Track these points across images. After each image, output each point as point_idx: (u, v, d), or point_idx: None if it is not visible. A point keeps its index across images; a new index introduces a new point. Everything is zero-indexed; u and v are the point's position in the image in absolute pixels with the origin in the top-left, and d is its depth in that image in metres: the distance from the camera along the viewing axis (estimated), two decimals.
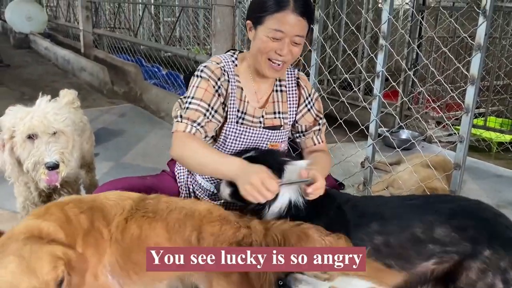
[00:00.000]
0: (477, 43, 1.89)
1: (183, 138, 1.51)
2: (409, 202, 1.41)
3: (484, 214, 1.29)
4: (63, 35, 10.25)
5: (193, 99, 1.55)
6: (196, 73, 1.59)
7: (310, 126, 1.75)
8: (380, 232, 1.31)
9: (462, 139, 2.01)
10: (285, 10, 1.45)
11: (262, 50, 1.51)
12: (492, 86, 4.52)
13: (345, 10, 5.28)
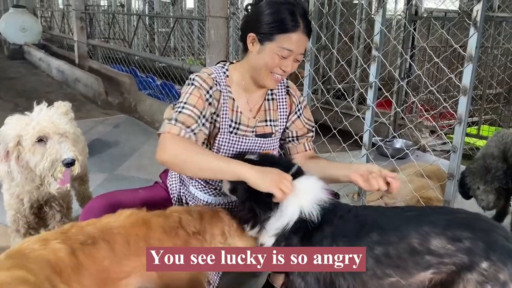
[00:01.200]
0: (468, 54, 1.91)
1: (177, 140, 1.46)
2: (406, 213, 1.40)
3: (481, 225, 1.28)
4: (57, 45, 10.26)
5: (186, 105, 1.53)
6: (188, 82, 1.60)
7: (303, 133, 1.76)
8: (379, 243, 1.30)
9: (456, 149, 2.01)
10: (297, 31, 1.49)
11: (269, 66, 1.53)
12: (485, 95, 4.56)
13: (338, 20, 5.33)
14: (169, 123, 1.49)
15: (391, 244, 1.29)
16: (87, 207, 1.62)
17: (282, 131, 1.75)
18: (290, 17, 1.48)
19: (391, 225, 1.33)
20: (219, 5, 3.39)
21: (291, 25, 1.48)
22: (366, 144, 2.45)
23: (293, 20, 1.48)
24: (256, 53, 1.55)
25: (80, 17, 7.29)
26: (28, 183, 1.74)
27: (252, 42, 1.55)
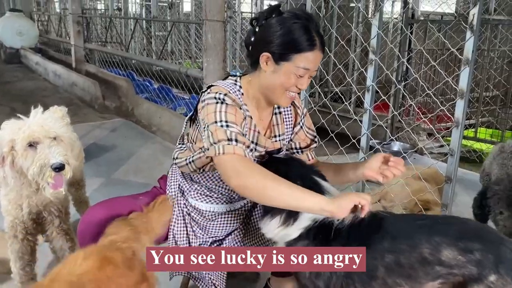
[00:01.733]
0: (465, 57, 1.91)
1: (248, 163, 1.35)
2: (418, 222, 1.41)
3: (491, 237, 1.28)
4: (54, 49, 10.24)
5: (229, 123, 1.39)
6: (215, 101, 1.44)
7: (306, 144, 1.73)
8: (391, 251, 1.30)
9: (453, 152, 2.02)
10: (314, 49, 1.45)
11: (285, 86, 1.48)
12: (482, 97, 4.57)
13: (335, 23, 5.34)
14: (229, 144, 1.35)
15: (403, 252, 1.29)
16: (87, 217, 1.57)
17: (287, 143, 1.72)
18: (306, 36, 1.43)
19: (402, 234, 1.33)
20: (216, 9, 3.39)
21: (307, 44, 1.43)
22: (364, 147, 2.45)
23: (309, 39, 1.44)
24: (271, 72, 1.49)
25: (77, 21, 7.28)
26: (26, 188, 1.73)
27: (266, 61, 1.48)
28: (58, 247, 1.91)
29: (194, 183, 1.66)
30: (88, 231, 1.52)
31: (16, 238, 1.83)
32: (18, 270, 1.85)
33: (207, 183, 1.63)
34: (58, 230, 1.87)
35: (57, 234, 1.88)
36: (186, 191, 1.69)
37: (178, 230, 1.69)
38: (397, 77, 4.43)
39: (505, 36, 4.96)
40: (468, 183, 3.65)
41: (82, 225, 1.54)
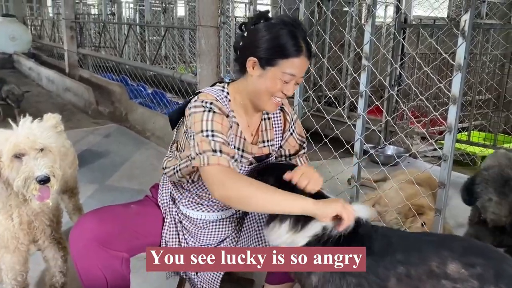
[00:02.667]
0: (457, 63, 1.92)
1: (231, 173, 1.37)
2: (427, 238, 1.44)
3: (494, 255, 1.33)
4: (47, 54, 10.21)
5: (214, 132, 1.41)
6: (202, 109, 1.45)
7: (296, 151, 1.74)
8: (403, 262, 1.32)
9: (446, 157, 2.02)
10: (300, 56, 1.46)
11: (271, 90, 1.49)
12: (474, 101, 4.60)
13: (328, 28, 5.36)
14: (214, 154, 1.36)
15: (413, 265, 1.31)
16: (79, 227, 1.55)
17: (277, 149, 1.72)
18: (292, 42, 1.44)
19: (414, 247, 1.36)
20: (210, 15, 3.40)
21: (293, 50, 1.44)
22: (358, 153, 2.45)
23: (295, 44, 1.44)
24: (257, 77, 1.50)
25: (70, 26, 7.26)
26: (13, 198, 1.71)
27: (253, 66, 1.49)
28: (50, 256, 1.89)
29: (185, 191, 1.66)
30: (80, 241, 1.50)
31: (7, 249, 1.80)
32: (10, 280, 1.83)
33: (198, 191, 1.63)
34: (50, 239, 1.85)
35: (49, 244, 1.86)
36: (177, 199, 1.68)
37: (170, 238, 1.69)
38: (391, 82, 4.45)
39: (497, 40, 5.00)
40: None
41: (74, 234, 1.52)
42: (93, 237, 1.49)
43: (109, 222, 1.55)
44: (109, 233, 1.52)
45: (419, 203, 2.68)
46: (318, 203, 1.32)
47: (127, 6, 11.25)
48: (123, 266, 1.57)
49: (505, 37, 4.91)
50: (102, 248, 1.50)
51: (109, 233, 1.52)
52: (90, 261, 1.50)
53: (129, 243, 1.58)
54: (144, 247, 1.66)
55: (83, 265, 1.51)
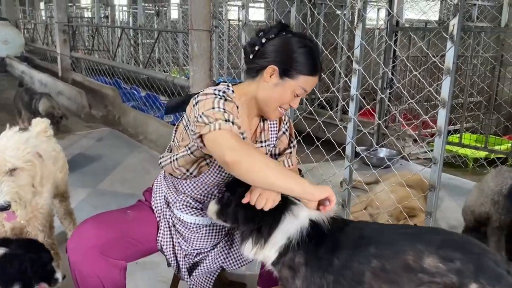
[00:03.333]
0: (446, 67, 1.93)
1: (245, 142, 1.36)
2: (402, 230, 1.44)
3: (473, 249, 1.29)
4: (40, 58, 10.17)
5: (226, 111, 1.38)
6: (213, 96, 1.43)
7: (283, 150, 1.76)
8: (376, 256, 1.31)
9: (436, 160, 2.03)
10: (316, 75, 1.56)
11: (282, 100, 1.56)
12: (466, 103, 4.63)
13: (321, 31, 5.38)
14: (227, 122, 1.33)
15: (387, 258, 1.30)
16: (77, 234, 1.54)
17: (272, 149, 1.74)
18: (313, 61, 1.53)
19: (387, 240, 1.35)
20: (202, 19, 3.40)
21: (313, 69, 1.53)
22: (349, 155, 2.46)
23: (315, 64, 1.54)
24: (273, 85, 1.54)
25: (63, 30, 7.24)
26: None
27: (271, 74, 1.53)
28: None
29: (180, 193, 1.65)
30: (80, 249, 1.49)
31: None
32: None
33: (192, 193, 1.62)
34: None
35: None
36: (172, 202, 1.68)
37: (165, 242, 1.68)
38: (383, 84, 4.47)
39: (488, 43, 5.05)
40: (454, 189, 3.70)
41: (73, 242, 1.51)
42: (93, 245, 1.48)
43: (108, 230, 1.54)
44: (108, 241, 1.52)
45: (411, 205, 2.70)
46: (315, 186, 1.38)
47: (120, 9, 11.24)
48: (121, 275, 1.57)
49: (496, 40, 4.95)
50: (102, 257, 1.49)
51: (108, 241, 1.52)
52: (89, 270, 1.49)
53: (127, 250, 1.58)
54: (140, 253, 1.66)
55: (81, 274, 1.50)
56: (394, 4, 4.33)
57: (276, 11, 3.58)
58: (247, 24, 3.12)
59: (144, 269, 2.31)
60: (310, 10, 5.11)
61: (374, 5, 6.50)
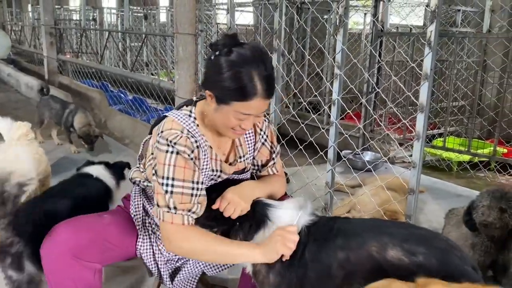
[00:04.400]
0: (424, 73, 1.97)
1: (185, 232, 1.42)
2: (369, 223, 1.48)
3: (438, 244, 1.30)
4: (27, 60, 10.09)
5: (174, 181, 1.40)
6: (165, 149, 1.42)
7: (267, 161, 1.73)
8: (343, 248, 1.34)
9: (415, 164, 2.06)
10: (254, 98, 1.39)
11: (227, 125, 1.46)
12: (450, 107, 4.69)
13: (308, 35, 5.42)
14: (169, 211, 1.40)
15: (352, 250, 1.32)
16: (51, 237, 1.52)
17: (252, 161, 1.71)
18: (249, 84, 1.37)
19: (355, 232, 1.37)
20: (187, 22, 3.40)
21: (247, 93, 1.38)
22: (331, 159, 2.49)
23: (250, 87, 1.37)
24: (214, 110, 1.45)
25: (49, 32, 7.19)
26: None
27: (210, 98, 1.45)
28: None
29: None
30: (53, 253, 1.49)
31: None
32: None
33: None
34: None
35: None
36: (149, 210, 1.68)
37: (144, 250, 1.68)
38: (368, 88, 4.51)
39: (471, 49, 5.13)
40: (438, 192, 3.74)
41: (46, 246, 1.50)
42: (66, 249, 1.48)
43: (82, 233, 1.54)
44: (82, 244, 1.51)
45: (392, 208, 2.72)
46: (265, 253, 1.39)
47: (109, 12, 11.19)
48: (96, 278, 1.57)
49: (479, 46, 5.03)
50: (75, 260, 1.49)
51: (81, 244, 1.51)
52: (63, 273, 1.49)
53: (102, 253, 1.58)
54: (117, 257, 1.66)
55: (55, 278, 1.50)
56: (379, 9, 4.38)
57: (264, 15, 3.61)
58: (232, 28, 3.14)
59: (127, 273, 2.30)
60: (297, 14, 5.16)
61: (361, 10, 6.56)
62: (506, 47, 4.46)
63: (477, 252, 2.30)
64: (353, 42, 6.38)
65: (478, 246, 2.30)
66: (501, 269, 2.36)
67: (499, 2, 4.93)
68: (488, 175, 4.32)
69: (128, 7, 6.86)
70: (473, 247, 2.34)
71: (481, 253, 2.29)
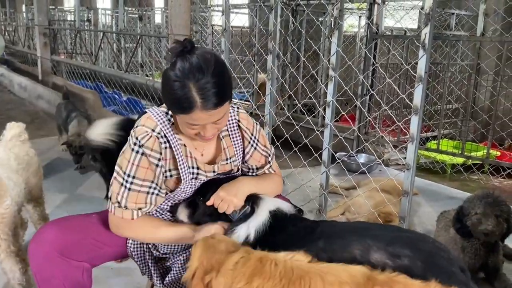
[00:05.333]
0: (418, 75, 1.97)
1: (133, 223, 1.53)
2: (354, 225, 1.48)
3: (425, 246, 1.29)
4: (21, 61, 10.03)
5: (134, 179, 1.47)
6: (133, 147, 1.47)
7: (262, 165, 1.73)
8: (325, 250, 1.33)
9: (409, 166, 2.07)
10: (193, 111, 1.35)
11: (187, 133, 1.47)
12: (444, 110, 4.72)
13: (303, 36, 5.43)
14: (119, 207, 1.49)
15: (336, 252, 1.31)
16: (38, 236, 1.50)
17: (241, 164, 1.71)
18: (183, 98, 1.34)
19: (337, 235, 1.37)
20: (182, 24, 3.40)
21: (184, 107, 1.35)
22: (325, 161, 2.49)
23: (186, 100, 1.33)
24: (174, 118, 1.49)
25: (43, 33, 7.15)
26: None
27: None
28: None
29: None
30: (40, 252, 1.47)
31: None
32: None
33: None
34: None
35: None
36: None
37: (134, 248, 1.67)
38: (362, 90, 4.52)
39: (465, 52, 5.15)
40: (432, 194, 3.75)
41: (33, 246, 1.48)
42: (53, 247, 1.46)
43: (69, 232, 1.52)
44: (69, 243, 1.50)
45: (387, 210, 2.73)
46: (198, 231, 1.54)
47: (103, 13, 11.16)
48: (84, 277, 1.55)
49: (472, 49, 5.06)
50: (62, 259, 1.47)
51: (69, 243, 1.50)
52: (50, 272, 1.47)
53: (90, 252, 1.56)
54: (107, 256, 1.64)
55: (43, 277, 1.48)
56: (374, 12, 4.40)
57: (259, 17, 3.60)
58: (227, 30, 3.14)
59: (119, 275, 2.28)
60: (292, 16, 5.17)
61: (356, 12, 6.58)
62: (500, 51, 4.49)
63: (467, 255, 2.31)
64: (347, 45, 6.40)
65: (468, 249, 2.31)
66: (492, 271, 2.37)
67: (493, 5, 4.96)
68: (482, 178, 4.34)
69: (122, 8, 6.83)
70: (463, 250, 2.35)
71: (472, 255, 2.30)
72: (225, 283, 1.18)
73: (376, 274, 1.14)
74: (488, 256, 2.32)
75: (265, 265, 1.18)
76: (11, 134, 2.23)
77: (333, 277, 1.11)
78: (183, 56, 1.36)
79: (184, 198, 1.62)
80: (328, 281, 1.09)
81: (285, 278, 1.13)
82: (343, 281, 1.09)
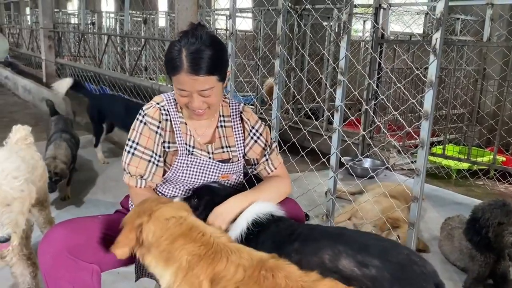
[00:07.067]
0: (429, 80, 1.95)
1: (137, 192, 1.65)
2: (331, 230, 1.49)
3: (398, 257, 1.24)
4: (25, 63, 10.05)
5: (138, 146, 1.63)
6: (138, 117, 1.64)
7: (259, 159, 1.78)
8: (298, 252, 1.33)
9: (419, 172, 2.05)
10: (180, 73, 1.48)
11: (180, 102, 1.59)
12: (449, 115, 4.70)
13: (308, 42, 5.42)
14: (126, 173, 1.64)
15: (306, 255, 1.31)
16: (47, 238, 1.51)
17: (242, 155, 1.76)
18: (174, 59, 1.47)
19: (313, 238, 1.36)
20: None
21: (173, 68, 1.49)
22: (333, 166, 2.47)
23: (176, 61, 1.47)
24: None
25: (48, 36, 7.17)
26: None
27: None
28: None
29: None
30: (48, 253, 1.46)
31: None
32: None
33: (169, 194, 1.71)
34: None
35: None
36: None
37: None
38: (368, 95, 4.51)
39: (471, 57, 5.14)
40: (438, 200, 3.73)
41: (42, 247, 1.48)
42: (61, 248, 1.46)
43: (78, 233, 1.52)
44: (78, 243, 1.49)
45: (394, 216, 2.71)
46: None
47: (108, 16, 11.18)
48: (93, 279, 1.54)
49: (478, 54, 5.04)
50: (71, 259, 1.47)
51: (77, 243, 1.49)
52: (59, 273, 1.46)
53: (99, 254, 1.55)
54: (115, 261, 1.63)
55: (51, 278, 1.47)
56: (380, 17, 4.38)
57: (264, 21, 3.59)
58: (234, 33, 3.13)
59: (125, 279, 2.26)
60: (297, 21, 5.16)
61: (360, 17, 6.58)
62: (506, 56, 4.48)
63: (477, 263, 2.29)
64: (352, 49, 6.40)
65: (478, 258, 2.29)
66: (501, 278, 2.35)
67: (499, 11, 4.95)
68: (488, 183, 4.31)
69: (128, 11, 6.84)
70: (472, 259, 2.32)
71: (482, 263, 2.28)
72: (154, 232, 1.30)
73: (268, 260, 1.23)
74: (496, 263, 2.30)
75: (194, 232, 1.30)
76: (16, 137, 2.21)
77: (236, 258, 1.24)
78: (191, 30, 1.50)
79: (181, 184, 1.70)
80: (231, 260, 1.23)
81: (204, 247, 1.26)
82: (241, 263, 1.22)
